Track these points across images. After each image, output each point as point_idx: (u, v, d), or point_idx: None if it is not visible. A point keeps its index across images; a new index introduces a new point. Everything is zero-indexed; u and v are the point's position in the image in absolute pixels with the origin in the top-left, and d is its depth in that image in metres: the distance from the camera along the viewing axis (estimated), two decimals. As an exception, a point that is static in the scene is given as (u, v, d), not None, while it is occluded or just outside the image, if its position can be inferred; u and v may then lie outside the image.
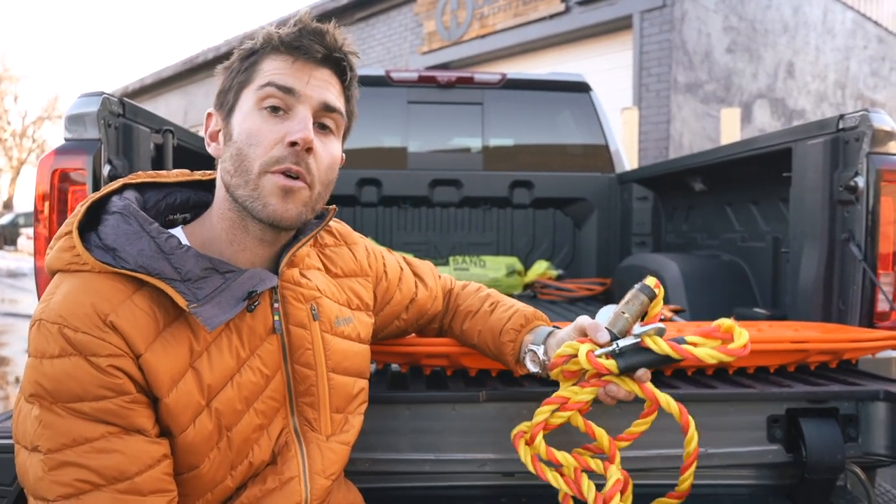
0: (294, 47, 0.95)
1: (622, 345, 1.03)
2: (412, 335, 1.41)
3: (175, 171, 1.08)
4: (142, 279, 0.87)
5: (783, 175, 1.97)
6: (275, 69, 0.95)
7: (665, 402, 1.06)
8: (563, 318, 2.40)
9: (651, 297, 1.05)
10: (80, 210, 0.92)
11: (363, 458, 1.31)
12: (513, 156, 3.73)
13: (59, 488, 0.81)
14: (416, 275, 1.35)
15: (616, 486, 1.04)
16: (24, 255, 17.39)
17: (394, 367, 1.55)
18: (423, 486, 1.45)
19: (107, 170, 1.56)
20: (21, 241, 19.81)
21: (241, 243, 0.98)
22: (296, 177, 0.94)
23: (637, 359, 1.03)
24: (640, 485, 1.14)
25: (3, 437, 1.26)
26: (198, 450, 0.91)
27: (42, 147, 31.72)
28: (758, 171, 2.29)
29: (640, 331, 1.03)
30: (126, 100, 1.65)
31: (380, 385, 1.42)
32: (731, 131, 6.34)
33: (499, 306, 1.29)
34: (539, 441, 1.10)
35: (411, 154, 3.57)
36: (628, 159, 3.72)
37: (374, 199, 3.49)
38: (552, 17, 9.03)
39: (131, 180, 1.00)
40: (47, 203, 1.57)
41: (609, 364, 1.02)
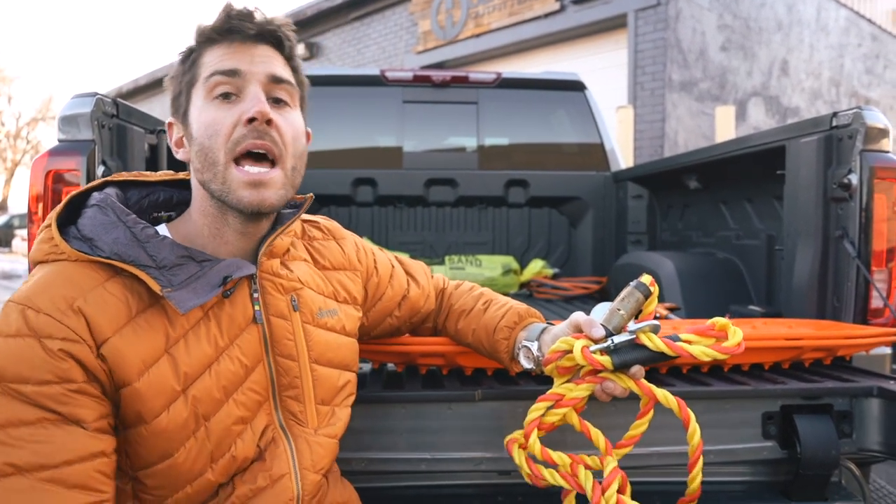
0: (227, 31, 0.97)
1: (617, 341, 1.02)
2: (407, 335, 1.41)
3: (159, 171, 1.09)
4: (116, 266, 0.89)
5: (777, 173, 1.98)
6: (215, 58, 0.96)
7: (663, 396, 1.05)
8: (558, 317, 2.40)
9: (646, 294, 1.05)
10: (60, 205, 0.94)
11: (359, 458, 1.32)
12: (508, 155, 3.73)
13: None
14: (407, 273, 1.36)
15: (613, 474, 1.02)
16: (19, 257, 17.32)
17: (390, 366, 1.55)
18: (419, 485, 1.45)
19: (101, 171, 1.56)
20: (15, 242, 19.70)
21: (223, 236, 1.00)
22: (263, 155, 0.95)
23: (632, 355, 1.03)
24: (638, 482, 1.14)
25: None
26: (171, 437, 0.91)
27: (36, 148, 31.64)
28: (752, 169, 2.29)
29: (634, 327, 1.03)
30: (120, 100, 1.65)
31: (376, 384, 1.42)
32: (725, 129, 6.36)
33: (492, 304, 1.29)
34: (534, 440, 1.08)
35: (407, 154, 3.57)
36: (623, 158, 3.72)
37: (370, 198, 3.49)
38: (547, 15, 9.04)
39: (113, 179, 1.03)
40: (41, 204, 1.56)
41: (604, 360, 1.02)
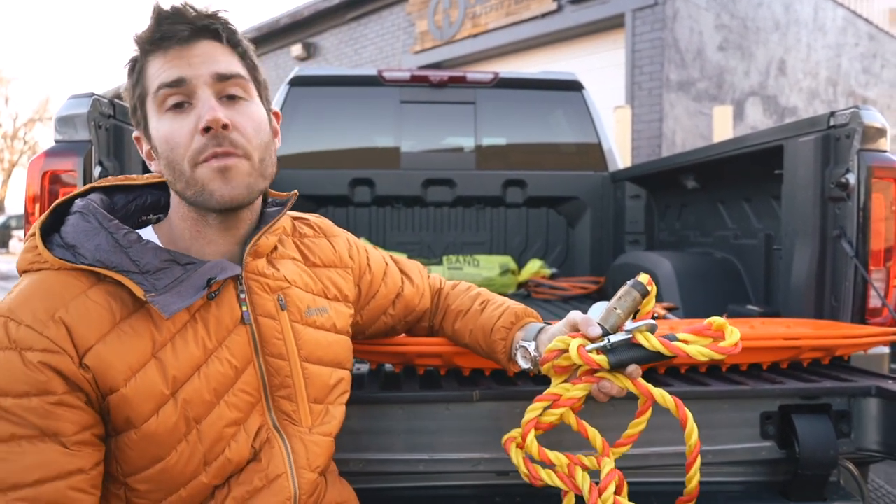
0: (160, 40, 0.94)
1: (613, 340, 1.02)
2: (404, 336, 1.41)
3: (146, 174, 1.10)
4: (99, 273, 0.89)
5: (775, 172, 1.98)
6: (157, 69, 0.95)
7: (660, 396, 1.05)
8: (556, 317, 2.40)
9: (643, 293, 1.05)
10: (45, 214, 0.95)
11: (357, 459, 1.31)
12: (506, 155, 3.73)
13: None
14: (402, 271, 1.35)
15: (610, 476, 1.02)
16: (16, 258, 17.26)
17: (387, 367, 1.54)
18: (417, 486, 1.45)
19: (97, 171, 1.56)
20: (13, 243, 19.66)
21: (206, 236, 1.00)
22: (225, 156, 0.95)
23: (628, 355, 1.03)
24: (636, 482, 1.14)
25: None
26: (162, 441, 0.90)
27: (33, 149, 31.58)
28: (750, 169, 2.29)
29: (631, 327, 1.03)
30: (117, 101, 1.64)
31: (373, 385, 1.42)
32: (723, 129, 6.37)
33: (489, 305, 1.29)
34: (531, 440, 1.08)
35: (404, 154, 3.57)
36: (621, 157, 3.72)
37: (368, 199, 3.49)
38: (544, 15, 9.04)
39: (99, 184, 1.03)
40: (38, 205, 1.56)
41: (600, 359, 1.02)
